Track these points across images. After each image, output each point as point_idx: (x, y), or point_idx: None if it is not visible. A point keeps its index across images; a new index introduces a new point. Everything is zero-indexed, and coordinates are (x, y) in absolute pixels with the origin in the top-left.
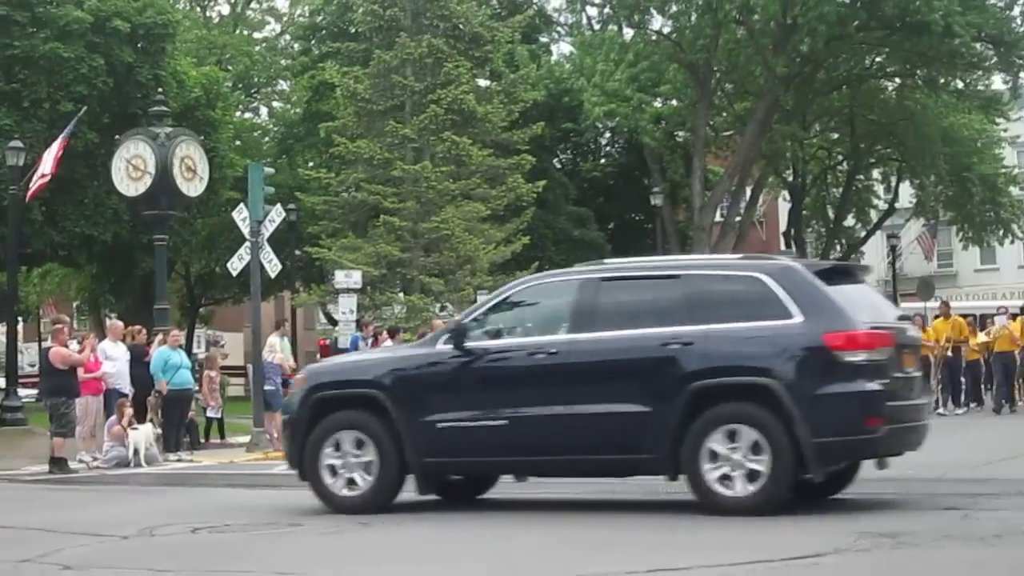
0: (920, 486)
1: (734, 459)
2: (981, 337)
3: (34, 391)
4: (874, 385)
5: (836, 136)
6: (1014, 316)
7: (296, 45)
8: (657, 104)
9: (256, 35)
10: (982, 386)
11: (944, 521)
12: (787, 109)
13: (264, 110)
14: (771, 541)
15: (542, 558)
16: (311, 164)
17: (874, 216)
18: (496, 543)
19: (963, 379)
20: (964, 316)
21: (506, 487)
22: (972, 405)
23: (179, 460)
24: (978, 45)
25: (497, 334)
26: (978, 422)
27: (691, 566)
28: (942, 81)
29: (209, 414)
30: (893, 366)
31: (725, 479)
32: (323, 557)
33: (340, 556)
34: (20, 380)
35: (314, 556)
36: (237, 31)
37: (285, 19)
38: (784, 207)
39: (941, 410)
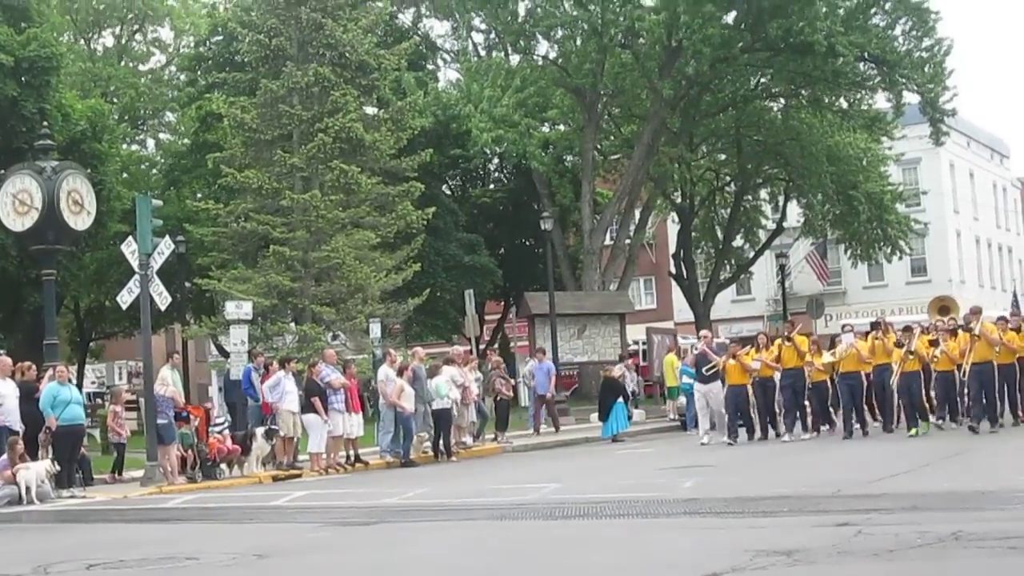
0: (814, 503)
1: None
2: (826, 357)
3: None
4: None
5: (723, 157)
6: (866, 335)
7: (182, 76)
8: (545, 129)
9: (141, 67)
10: (830, 408)
11: (839, 537)
12: (674, 131)
13: (151, 142)
14: (667, 562)
15: None
16: (199, 195)
17: (763, 236)
18: (393, 572)
19: (807, 402)
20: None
21: (396, 518)
22: (824, 428)
23: (72, 496)
24: (861, 65)
25: None
26: (881, 439)
27: None
28: (826, 101)
29: (120, 441)
30: None
31: None
32: None
33: None
34: None
35: None
36: (122, 63)
37: (170, 50)
38: (673, 229)
39: (785, 437)
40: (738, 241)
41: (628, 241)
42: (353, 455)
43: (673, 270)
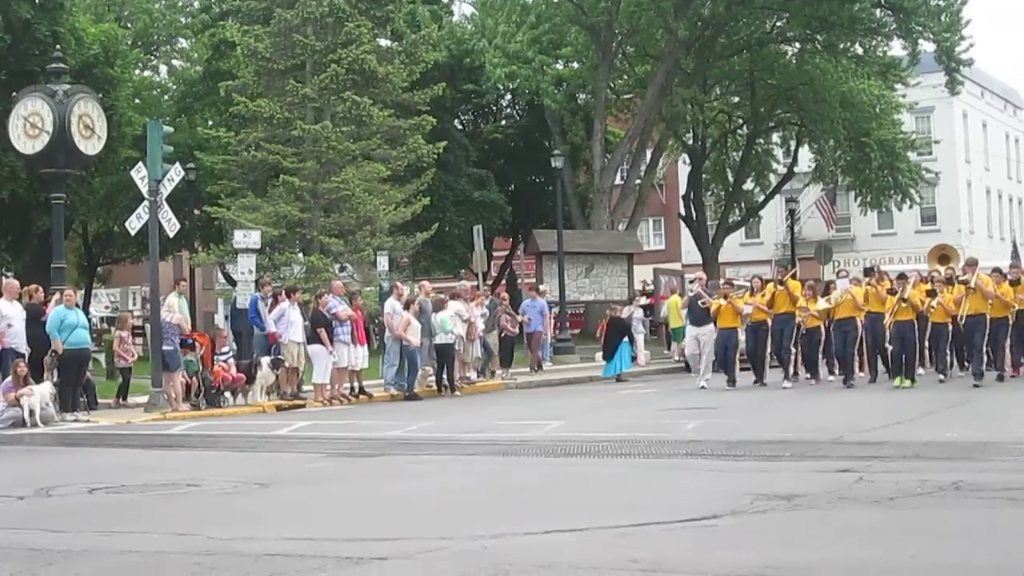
0: (816, 448)
1: None
2: (821, 303)
3: None
4: None
5: (736, 100)
6: (865, 280)
7: (196, 2)
8: (558, 66)
9: None
10: (819, 356)
11: (839, 483)
12: (687, 72)
13: (164, 68)
14: (667, 503)
15: (440, 519)
16: (211, 123)
17: (773, 180)
18: (395, 504)
19: (793, 348)
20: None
21: (398, 450)
22: (808, 379)
23: (76, 420)
24: (877, 11)
25: None
26: (874, 389)
27: (589, 527)
28: (842, 46)
29: (126, 366)
30: None
31: None
32: (221, 517)
33: (238, 516)
34: None
35: (212, 516)
36: None
37: None
38: (684, 170)
39: (786, 383)
40: (748, 185)
41: (638, 181)
42: (357, 387)
43: (682, 212)
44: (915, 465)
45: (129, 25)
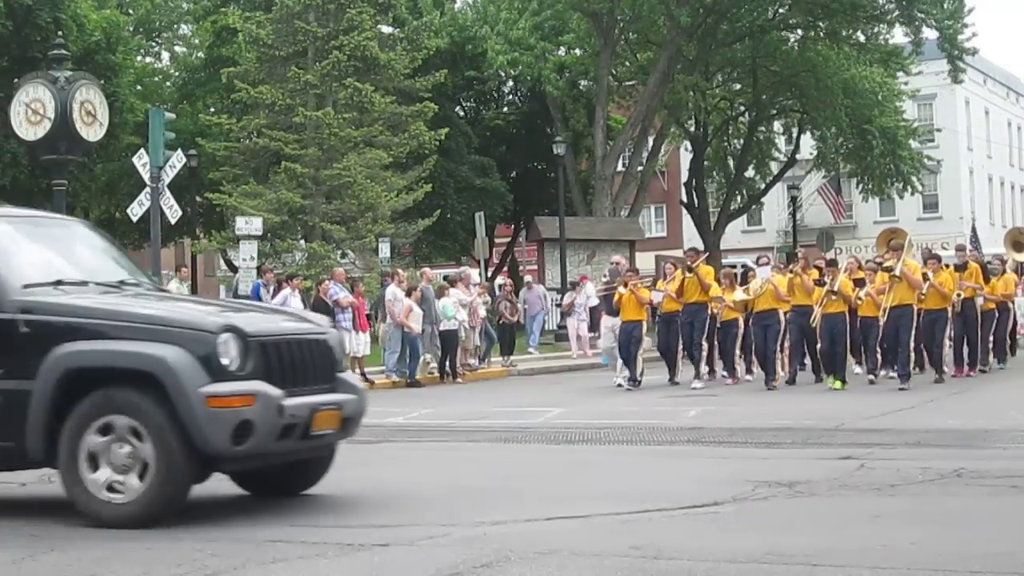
0: (818, 436)
1: None
2: (738, 294)
3: None
4: None
5: (738, 87)
6: (788, 269)
7: None
8: (560, 53)
9: None
10: (736, 353)
11: (841, 471)
12: (690, 60)
13: (165, 55)
14: (668, 490)
15: (441, 505)
16: (212, 110)
17: (775, 167)
18: (396, 490)
19: (704, 343)
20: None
21: (399, 437)
22: (726, 379)
23: None
24: None
25: None
26: (795, 391)
27: (590, 514)
28: (844, 34)
29: None
30: None
31: None
32: (222, 503)
33: (239, 502)
34: None
35: (213, 502)
36: None
37: None
38: (686, 157)
39: (695, 383)
40: (750, 172)
41: (640, 168)
42: (359, 374)
43: (684, 199)
44: (916, 452)
45: (131, 12)
